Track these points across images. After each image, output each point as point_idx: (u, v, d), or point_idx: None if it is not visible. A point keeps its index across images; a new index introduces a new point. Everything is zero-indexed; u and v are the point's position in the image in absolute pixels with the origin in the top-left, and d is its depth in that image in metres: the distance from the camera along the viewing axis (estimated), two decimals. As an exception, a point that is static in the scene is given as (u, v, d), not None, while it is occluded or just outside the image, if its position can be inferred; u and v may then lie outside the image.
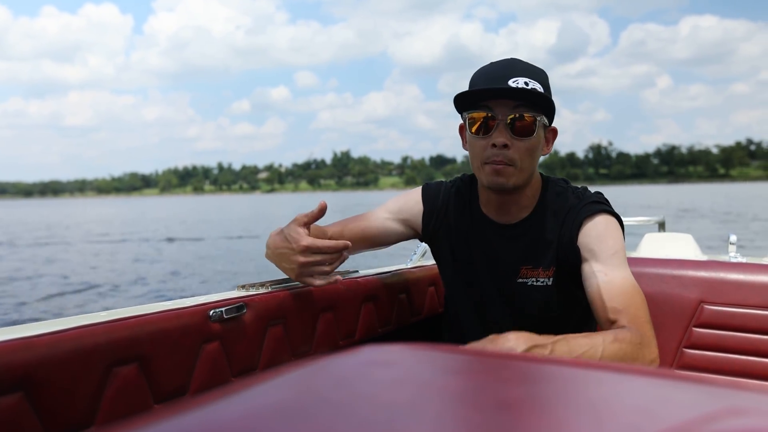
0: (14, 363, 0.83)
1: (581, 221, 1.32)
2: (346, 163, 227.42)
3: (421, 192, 1.52)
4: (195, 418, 0.32)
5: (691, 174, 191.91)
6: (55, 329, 0.90)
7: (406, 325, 1.69)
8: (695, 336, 1.61)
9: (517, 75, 1.26)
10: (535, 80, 1.27)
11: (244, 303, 1.22)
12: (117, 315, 1.01)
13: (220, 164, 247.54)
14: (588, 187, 1.42)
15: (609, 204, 1.36)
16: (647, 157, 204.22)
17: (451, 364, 0.41)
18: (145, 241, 18.61)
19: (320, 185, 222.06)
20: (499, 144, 1.27)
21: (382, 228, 1.48)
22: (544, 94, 1.26)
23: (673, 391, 0.35)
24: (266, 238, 1.33)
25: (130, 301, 8.11)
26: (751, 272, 1.59)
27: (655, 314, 1.64)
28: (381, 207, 1.53)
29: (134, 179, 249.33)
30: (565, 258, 1.34)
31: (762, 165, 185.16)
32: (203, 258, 13.33)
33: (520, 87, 1.24)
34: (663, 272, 1.67)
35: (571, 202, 1.36)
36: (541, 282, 1.37)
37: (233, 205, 63.30)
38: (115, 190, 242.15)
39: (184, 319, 1.10)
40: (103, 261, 13.44)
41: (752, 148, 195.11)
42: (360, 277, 1.54)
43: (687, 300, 1.62)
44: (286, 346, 1.31)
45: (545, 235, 1.36)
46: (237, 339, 1.20)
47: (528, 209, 1.39)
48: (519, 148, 1.28)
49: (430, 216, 1.49)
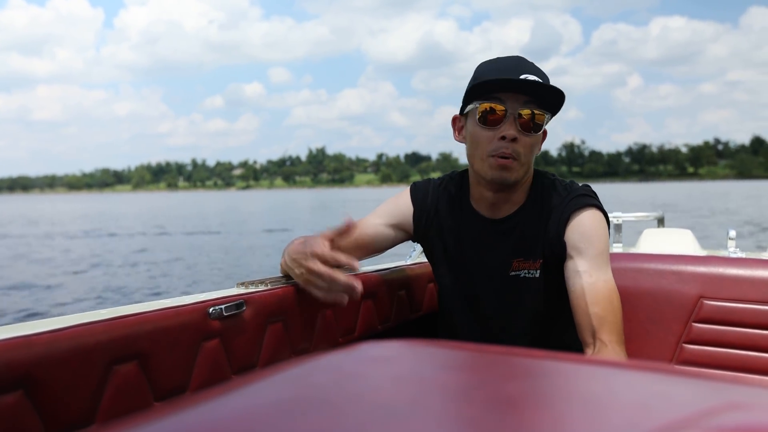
0: (14, 361, 0.83)
1: (568, 216, 1.33)
2: (322, 160, 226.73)
3: (409, 193, 1.52)
4: (195, 416, 0.32)
5: (662, 172, 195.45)
6: (55, 327, 0.90)
7: (406, 321, 1.69)
8: (695, 331, 1.61)
9: (528, 71, 1.28)
10: (541, 78, 1.29)
11: (244, 300, 1.22)
12: (117, 313, 1.01)
13: (194, 160, 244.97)
14: (575, 181, 1.43)
15: (596, 197, 1.38)
16: (619, 155, 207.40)
17: (451, 360, 0.41)
18: (140, 235, 18.31)
19: (296, 182, 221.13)
20: (509, 137, 1.27)
21: (374, 235, 1.48)
22: (560, 90, 1.27)
23: (672, 387, 0.35)
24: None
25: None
26: (750, 267, 1.60)
27: (654, 310, 1.65)
28: (372, 213, 1.52)
29: (106, 175, 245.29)
30: (551, 251, 1.35)
31: (729, 164, 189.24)
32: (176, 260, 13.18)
33: (537, 81, 1.25)
34: (662, 268, 1.68)
35: (557, 195, 1.37)
36: (531, 274, 1.38)
37: (208, 202, 62.74)
38: (86, 186, 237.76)
39: (183, 317, 1.09)
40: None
41: (720, 147, 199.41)
42: (359, 274, 1.53)
43: (686, 295, 1.63)
44: (285, 343, 1.30)
45: (534, 227, 1.38)
46: (236, 336, 1.19)
47: (518, 203, 1.40)
48: (525, 143, 1.29)
49: (420, 216, 1.49)
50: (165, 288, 8.84)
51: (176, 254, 13.26)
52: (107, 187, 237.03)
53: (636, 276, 1.68)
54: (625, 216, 2.30)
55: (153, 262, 11.90)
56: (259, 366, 1.25)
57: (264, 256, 12.69)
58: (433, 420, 0.30)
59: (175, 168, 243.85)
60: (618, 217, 2.24)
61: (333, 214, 27.47)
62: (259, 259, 12.25)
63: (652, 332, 1.65)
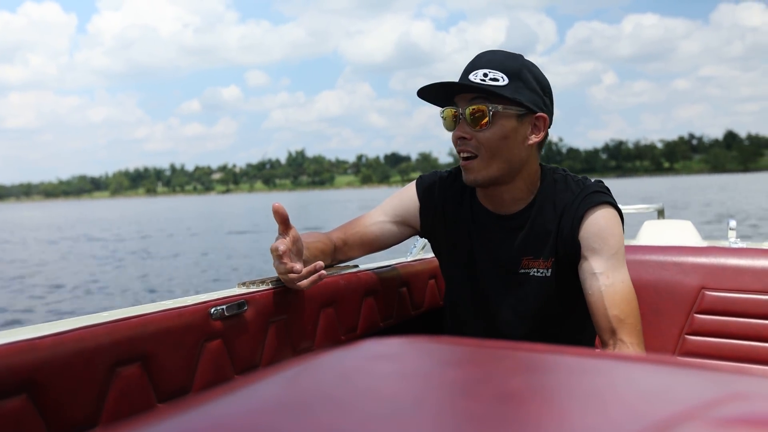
0: (18, 365, 0.83)
1: (582, 214, 1.30)
2: (301, 163, 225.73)
3: (415, 187, 1.49)
4: (198, 417, 0.32)
5: (638, 168, 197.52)
6: (58, 330, 0.90)
7: (408, 318, 1.68)
8: (697, 322, 1.61)
9: (479, 67, 1.28)
10: (498, 69, 1.26)
11: (245, 300, 1.21)
12: (119, 315, 1.01)
13: (173, 165, 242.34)
14: (588, 176, 1.41)
15: (610, 193, 1.35)
16: (596, 152, 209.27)
17: (454, 356, 0.42)
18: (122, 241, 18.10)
19: (276, 185, 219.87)
20: (456, 137, 1.30)
21: (380, 232, 1.47)
22: (487, 86, 1.24)
23: (675, 378, 0.35)
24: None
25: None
26: (751, 257, 1.60)
27: (656, 301, 1.66)
28: (378, 208, 1.50)
29: (83, 182, 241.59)
30: (564, 250, 1.33)
31: (703, 159, 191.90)
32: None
33: (475, 81, 1.26)
34: (663, 259, 1.68)
35: (570, 192, 1.34)
36: (541, 273, 1.36)
37: (189, 207, 62.14)
38: (63, 194, 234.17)
39: (185, 318, 1.09)
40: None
41: (694, 142, 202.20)
42: (360, 272, 1.53)
43: (688, 286, 1.63)
44: (287, 342, 1.30)
45: (545, 225, 1.35)
46: (239, 336, 1.19)
47: (526, 200, 1.37)
48: (480, 139, 1.29)
49: (427, 211, 1.46)
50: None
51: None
52: (85, 194, 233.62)
53: (637, 268, 1.67)
54: (625, 208, 2.27)
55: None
56: (262, 365, 1.24)
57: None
58: (438, 416, 0.30)
59: (153, 173, 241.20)
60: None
61: (314, 216, 27.91)
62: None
63: (654, 324, 1.65)
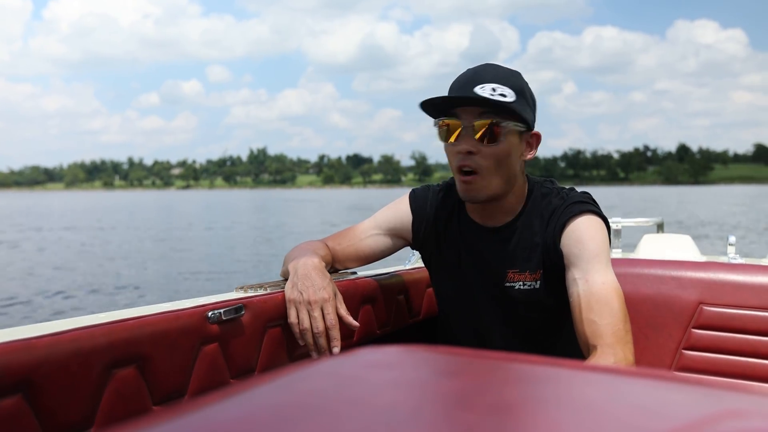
0: (14, 364, 0.82)
1: (563, 223, 1.31)
2: (263, 161, 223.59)
3: (408, 200, 1.49)
4: (193, 420, 0.32)
5: (595, 177, 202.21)
6: (55, 331, 0.89)
7: (405, 326, 1.67)
8: (694, 337, 1.61)
9: (485, 81, 1.26)
10: (505, 85, 1.26)
11: (243, 304, 1.20)
12: (116, 316, 1.00)
13: (131, 159, 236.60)
14: (575, 188, 1.42)
15: (595, 203, 1.35)
16: (555, 160, 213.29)
17: (449, 366, 0.41)
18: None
19: (237, 182, 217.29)
20: (463, 151, 1.26)
21: (373, 244, 1.47)
22: (504, 102, 1.24)
23: (671, 393, 0.35)
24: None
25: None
26: (750, 273, 1.60)
27: (653, 316, 1.65)
28: (370, 220, 1.50)
29: (36, 173, 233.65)
30: (550, 261, 1.33)
31: (657, 170, 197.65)
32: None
33: (484, 95, 1.23)
34: (662, 273, 1.67)
35: (555, 203, 1.35)
36: (528, 285, 1.36)
37: (150, 202, 60.87)
38: (15, 184, 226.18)
39: (182, 321, 1.08)
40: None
41: (648, 154, 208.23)
42: (358, 279, 1.51)
43: (686, 301, 1.62)
44: (284, 347, 1.29)
45: (532, 237, 1.35)
46: (235, 341, 1.18)
47: (514, 212, 1.38)
48: (486, 154, 1.26)
49: (419, 224, 1.47)
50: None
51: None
52: (38, 185, 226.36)
53: (635, 282, 1.67)
54: (624, 221, 2.30)
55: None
56: (258, 370, 1.23)
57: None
58: (432, 426, 0.30)
59: (110, 166, 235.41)
60: (617, 223, 2.23)
61: (274, 214, 27.75)
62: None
63: (652, 338, 1.64)
